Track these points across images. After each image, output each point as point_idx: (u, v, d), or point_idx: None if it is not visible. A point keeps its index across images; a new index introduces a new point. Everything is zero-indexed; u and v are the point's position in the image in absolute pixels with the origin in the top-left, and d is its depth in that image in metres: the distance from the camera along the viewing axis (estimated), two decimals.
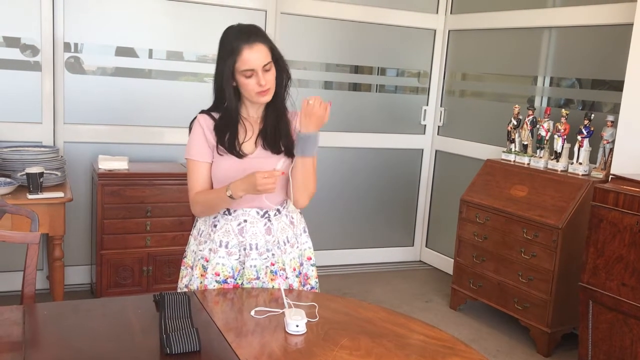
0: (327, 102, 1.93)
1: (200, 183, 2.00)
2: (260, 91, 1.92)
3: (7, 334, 1.60)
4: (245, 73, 1.89)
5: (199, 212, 2.04)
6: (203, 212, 2.04)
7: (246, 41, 1.88)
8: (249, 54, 1.87)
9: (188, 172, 2.03)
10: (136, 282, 3.57)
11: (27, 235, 2.01)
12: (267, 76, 1.91)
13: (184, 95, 3.94)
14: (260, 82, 1.90)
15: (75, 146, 3.77)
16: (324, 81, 4.53)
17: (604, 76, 3.63)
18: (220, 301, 1.91)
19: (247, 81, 1.91)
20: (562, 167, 3.56)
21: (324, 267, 4.55)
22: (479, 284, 3.78)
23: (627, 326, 2.82)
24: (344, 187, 4.69)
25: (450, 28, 4.71)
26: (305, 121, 1.92)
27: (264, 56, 1.90)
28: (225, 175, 1.98)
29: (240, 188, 1.88)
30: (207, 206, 2.01)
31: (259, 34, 1.92)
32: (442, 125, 4.82)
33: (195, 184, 2.01)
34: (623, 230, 2.79)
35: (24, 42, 3.58)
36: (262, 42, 1.91)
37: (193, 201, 2.02)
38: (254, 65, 1.88)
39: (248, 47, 1.87)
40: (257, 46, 1.88)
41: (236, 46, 1.88)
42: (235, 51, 1.88)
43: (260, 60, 1.89)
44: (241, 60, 1.88)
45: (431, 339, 1.71)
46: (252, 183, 1.84)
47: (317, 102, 1.90)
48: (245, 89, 1.93)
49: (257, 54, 1.88)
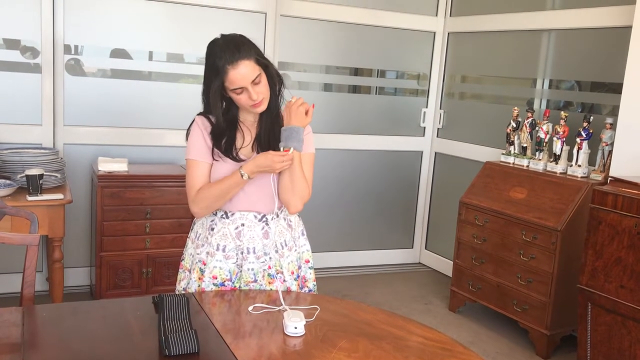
0: (310, 104, 1.97)
1: (202, 181, 1.98)
2: (253, 104, 1.92)
3: (6, 335, 1.61)
4: (235, 91, 1.90)
5: (203, 207, 1.98)
6: (208, 207, 1.98)
7: (230, 61, 1.85)
8: (235, 74, 1.86)
9: (187, 173, 2.01)
10: (135, 284, 3.57)
11: (27, 236, 2.01)
12: (257, 88, 1.90)
13: (184, 97, 3.95)
14: (252, 97, 1.89)
15: (75, 148, 3.77)
16: (323, 83, 4.54)
17: (603, 78, 3.64)
18: (218, 303, 1.91)
19: (239, 97, 1.92)
20: (561, 170, 3.56)
21: (323, 269, 4.56)
22: (478, 286, 3.78)
23: (625, 328, 2.82)
24: (343, 189, 4.69)
25: (449, 30, 4.71)
26: (287, 118, 1.95)
27: (250, 72, 1.87)
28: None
29: (253, 170, 1.92)
30: (214, 198, 1.96)
31: (242, 50, 1.87)
32: (442, 128, 4.83)
33: (196, 182, 1.98)
34: (622, 232, 2.80)
35: (24, 44, 3.59)
36: (246, 57, 1.86)
37: (195, 199, 1.98)
38: (242, 83, 1.87)
39: (232, 67, 1.85)
40: (241, 64, 1.85)
41: (221, 67, 1.86)
42: (221, 72, 1.86)
43: (248, 78, 1.87)
44: (228, 81, 1.88)
45: (430, 341, 1.71)
46: (268, 164, 1.89)
47: (299, 102, 1.95)
48: (239, 103, 1.95)
49: (243, 71, 1.86)
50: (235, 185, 1.94)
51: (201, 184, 1.98)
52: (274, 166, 1.89)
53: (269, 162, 1.89)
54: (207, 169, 1.99)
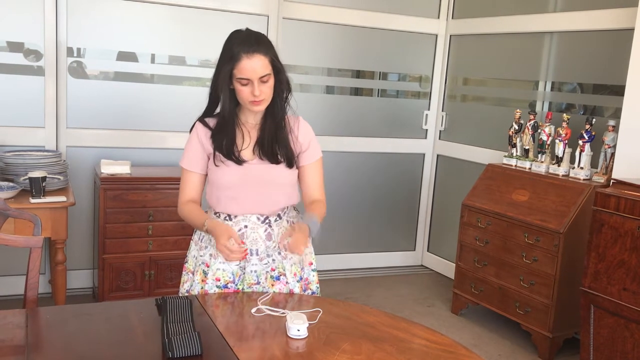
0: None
1: (187, 192, 2.06)
2: (253, 100, 1.91)
3: (10, 337, 1.61)
4: (241, 81, 1.89)
5: (184, 220, 2.10)
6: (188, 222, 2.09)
7: (247, 50, 1.87)
8: (247, 64, 1.87)
9: (180, 178, 2.09)
10: (138, 286, 3.57)
11: (30, 239, 2.02)
12: (262, 87, 1.90)
13: (187, 99, 3.95)
14: (254, 92, 1.89)
15: (77, 150, 3.78)
16: (325, 86, 4.55)
17: (605, 81, 3.64)
18: (221, 305, 1.91)
19: (242, 88, 1.91)
20: (563, 172, 3.56)
21: (326, 272, 4.56)
22: (480, 288, 3.78)
23: (628, 331, 2.82)
24: (345, 191, 4.69)
25: (451, 33, 4.72)
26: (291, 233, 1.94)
27: (262, 67, 1.88)
28: (227, 182, 2.00)
29: (212, 231, 1.93)
30: (187, 221, 2.07)
31: (261, 44, 1.90)
32: (444, 130, 4.83)
33: (184, 190, 2.07)
34: (624, 234, 2.80)
35: (27, 47, 3.60)
36: (263, 53, 1.89)
37: (180, 209, 2.08)
38: (250, 75, 1.88)
39: (247, 56, 1.86)
40: (256, 57, 1.87)
41: (236, 53, 1.87)
42: (235, 58, 1.87)
43: (258, 72, 1.88)
44: (238, 68, 1.88)
45: (433, 343, 1.71)
46: (218, 238, 1.88)
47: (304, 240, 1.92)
48: (240, 96, 1.93)
49: (255, 64, 1.87)
50: (200, 226, 2.01)
51: (187, 194, 2.06)
52: (217, 247, 1.90)
53: (217, 239, 1.89)
54: (196, 178, 2.06)
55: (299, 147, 2.05)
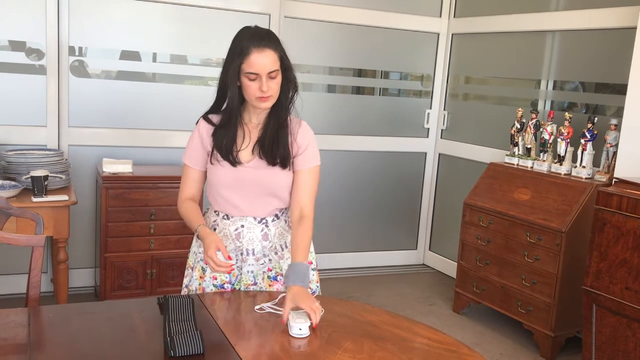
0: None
1: (188, 188, 2.07)
2: (260, 96, 1.89)
3: (12, 336, 1.61)
4: (249, 75, 1.87)
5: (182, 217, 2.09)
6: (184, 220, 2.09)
7: (257, 45, 1.86)
8: (257, 58, 1.85)
9: (182, 174, 2.10)
10: (140, 285, 3.58)
11: (32, 238, 2.02)
12: (270, 83, 1.88)
13: (188, 98, 3.95)
14: (262, 88, 1.87)
15: (79, 149, 3.78)
16: (327, 85, 4.55)
17: (607, 79, 3.63)
18: (223, 304, 1.91)
19: (249, 83, 1.88)
20: (565, 171, 3.56)
21: (327, 271, 4.56)
22: (482, 287, 3.78)
23: (630, 330, 2.82)
24: (347, 190, 4.69)
25: (453, 31, 4.71)
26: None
27: (271, 63, 1.87)
28: (220, 182, 1.99)
29: (202, 240, 1.92)
30: (184, 220, 2.07)
31: (271, 40, 1.89)
32: (446, 129, 4.82)
33: (185, 186, 2.08)
34: (626, 233, 2.79)
35: (29, 46, 3.60)
36: (273, 48, 1.88)
37: (179, 206, 2.08)
38: (259, 70, 1.86)
39: (257, 50, 1.85)
40: (266, 51, 1.86)
41: (246, 47, 1.86)
42: (244, 52, 1.86)
43: (267, 66, 1.86)
44: (247, 62, 1.86)
45: (434, 342, 1.71)
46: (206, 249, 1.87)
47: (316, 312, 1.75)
48: (247, 92, 1.91)
49: (264, 59, 1.85)
50: (193, 230, 2.01)
51: (187, 190, 2.07)
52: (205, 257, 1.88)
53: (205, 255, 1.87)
54: (197, 175, 2.06)
55: (295, 149, 2.00)
